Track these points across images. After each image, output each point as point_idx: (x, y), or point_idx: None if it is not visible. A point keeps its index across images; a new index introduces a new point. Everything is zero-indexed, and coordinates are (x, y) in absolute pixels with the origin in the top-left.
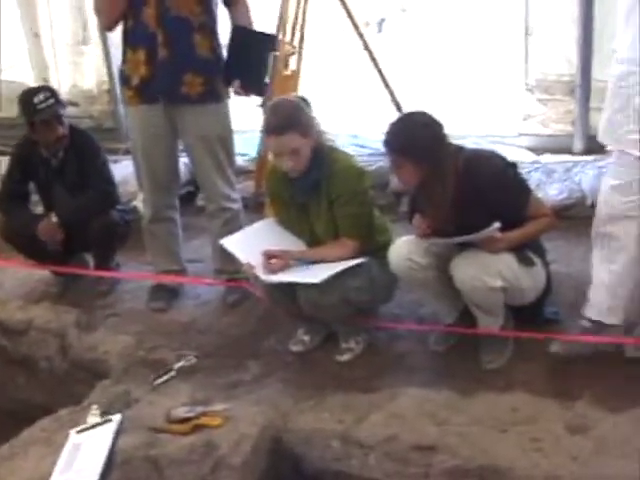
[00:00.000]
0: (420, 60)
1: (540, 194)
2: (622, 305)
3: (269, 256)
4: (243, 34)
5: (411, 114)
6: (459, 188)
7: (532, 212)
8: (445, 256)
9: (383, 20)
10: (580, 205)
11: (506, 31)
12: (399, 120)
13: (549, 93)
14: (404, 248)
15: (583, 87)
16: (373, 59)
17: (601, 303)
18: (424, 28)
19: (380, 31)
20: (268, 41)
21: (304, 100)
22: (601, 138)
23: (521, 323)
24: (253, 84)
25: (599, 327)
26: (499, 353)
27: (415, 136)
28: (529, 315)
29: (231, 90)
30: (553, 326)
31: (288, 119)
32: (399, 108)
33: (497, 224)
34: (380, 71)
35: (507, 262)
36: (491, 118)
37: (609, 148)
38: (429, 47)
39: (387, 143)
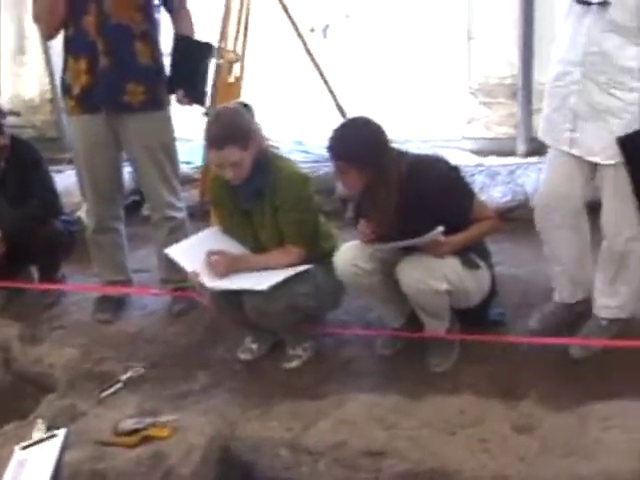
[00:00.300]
0: (364, 65)
1: (484, 197)
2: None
3: (211, 255)
4: (186, 43)
5: (354, 120)
6: (403, 193)
7: (476, 215)
8: (390, 261)
9: (328, 26)
10: (524, 207)
11: (448, 35)
12: (342, 126)
13: (492, 96)
14: (349, 254)
15: (525, 90)
16: (316, 65)
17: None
18: (368, 33)
19: (325, 37)
20: (210, 50)
21: (247, 107)
22: (541, 136)
23: (467, 325)
24: (196, 93)
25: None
26: (446, 356)
27: (359, 142)
28: (475, 318)
29: (174, 99)
30: (499, 328)
31: (228, 132)
32: (343, 114)
33: (440, 228)
34: (323, 77)
35: (452, 265)
36: (435, 122)
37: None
38: (373, 52)
39: (331, 149)
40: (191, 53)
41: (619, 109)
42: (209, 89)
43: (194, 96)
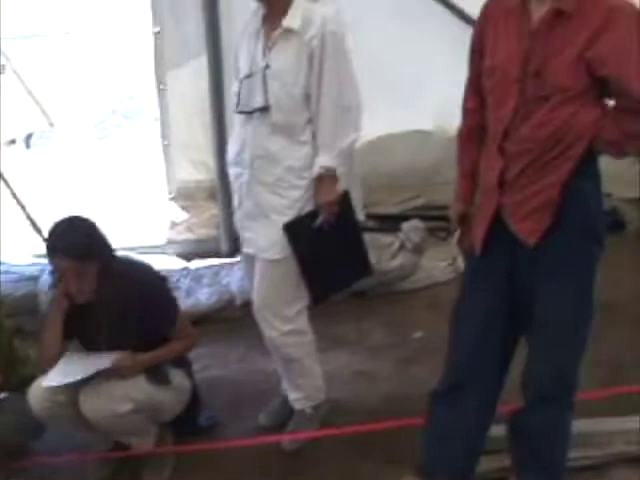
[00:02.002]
0: (68, 173)
1: (191, 301)
2: None
3: None
4: None
5: (70, 217)
6: (113, 297)
7: (177, 332)
8: None
9: (31, 135)
10: (230, 307)
11: (144, 142)
12: (61, 222)
13: (192, 200)
14: (41, 389)
15: (223, 191)
16: (5, 181)
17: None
18: (73, 141)
19: (28, 147)
20: None
21: None
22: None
23: (179, 434)
24: None
25: None
26: (159, 471)
27: (92, 237)
28: (183, 426)
29: None
30: (211, 432)
31: None
32: (36, 228)
33: (115, 355)
34: (12, 191)
35: (136, 384)
36: (138, 229)
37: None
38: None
39: (54, 245)
40: None
41: (284, 207)
42: None
43: None
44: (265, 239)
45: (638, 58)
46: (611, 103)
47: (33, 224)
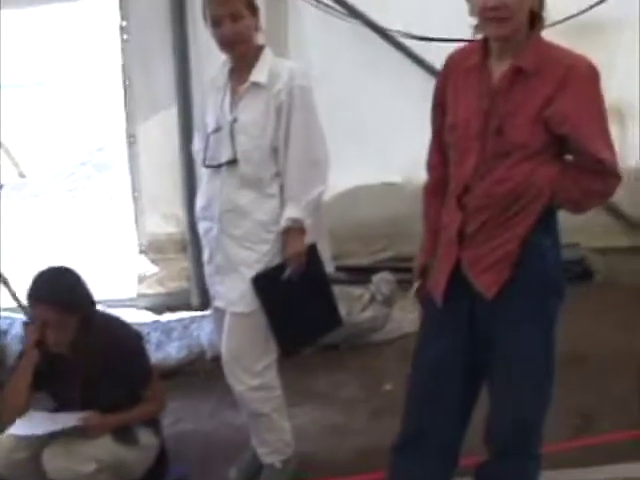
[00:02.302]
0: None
1: (161, 354)
2: None
3: None
4: None
5: (54, 267)
6: (91, 352)
7: (149, 393)
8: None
9: (1, 186)
10: (201, 360)
11: (116, 194)
12: (54, 275)
13: (162, 252)
14: (4, 445)
15: (193, 244)
16: None
17: None
18: (44, 193)
19: None
20: None
21: None
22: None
23: None
24: None
25: None
26: None
27: (77, 289)
28: None
29: None
30: None
31: None
32: (5, 282)
33: (83, 414)
34: None
35: (102, 444)
36: (108, 282)
37: None
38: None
39: (36, 293)
40: None
41: (253, 260)
42: None
43: None
44: (235, 292)
45: (595, 118)
46: (570, 160)
47: (1, 277)
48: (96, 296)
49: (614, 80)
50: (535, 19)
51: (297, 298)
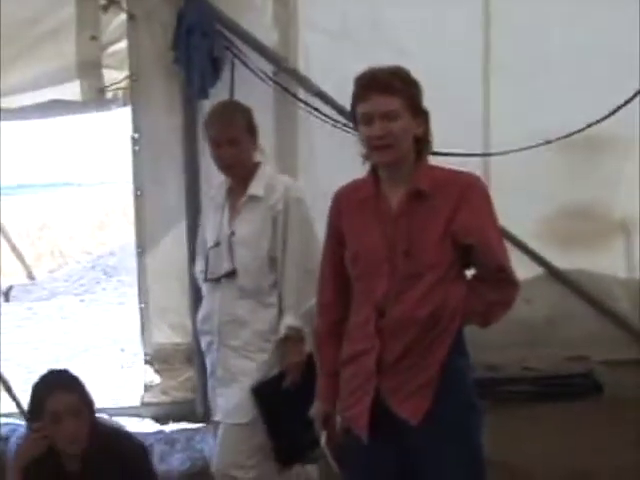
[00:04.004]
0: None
1: (164, 466)
2: None
3: None
4: None
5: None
6: (101, 462)
7: None
8: None
9: (11, 288)
10: (204, 473)
11: (123, 300)
12: (62, 372)
13: (168, 362)
14: None
15: (199, 354)
16: None
17: None
18: (52, 296)
19: (8, 300)
20: None
21: None
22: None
23: None
24: None
25: None
26: None
27: (84, 388)
28: None
29: None
30: None
31: None
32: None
33: None
34: None
35: None
36: (113, 391)
37: None
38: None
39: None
40: None
41: (252, 369)
42: None
43: None
44: (232, 402)
45: (494, 230)
46: (469, 275)
47: (4, 382)
48: (100, 403)
49: (619, 193)
50: (421, 145)
51: (295, 408)
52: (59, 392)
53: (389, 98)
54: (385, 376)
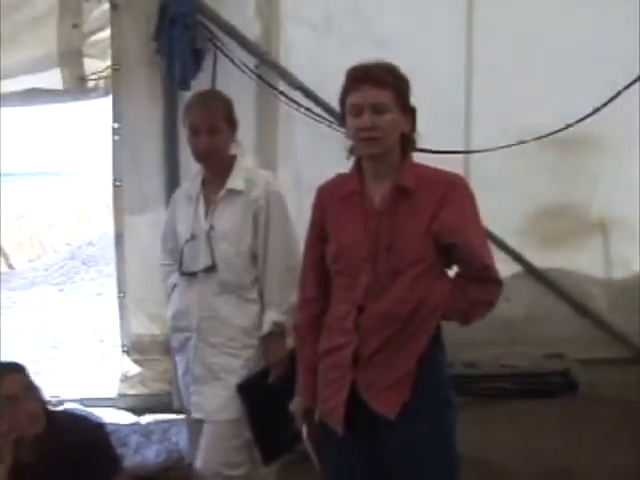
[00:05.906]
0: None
1: (139, 458)
2: None
3: None
4: None
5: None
6: (44, 448)
7: None
8: None
9: None
10: (178, 466)
11: (102, 290)
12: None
13: (146, 353)
14: None
15: None
16: None
17: None
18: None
19: None
20: None
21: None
22: (177, 405)
23: None
24: None
25: None
26: None
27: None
28: None
29: None
30: None
31: None
32: None
33: None
34: None
35: None
36: (88, 381)
37: None
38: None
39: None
40: None
41: (237, 367)
42: None
43: None
44: (215, 401)
45: (478, 228)
46: (452, 273)
47: None
48: (76, 394)
49: (598, 193)
50: (407, 142)
51: (279, 403)
52: (10, 374)
53: (381, 91)
54: (361, 370)
